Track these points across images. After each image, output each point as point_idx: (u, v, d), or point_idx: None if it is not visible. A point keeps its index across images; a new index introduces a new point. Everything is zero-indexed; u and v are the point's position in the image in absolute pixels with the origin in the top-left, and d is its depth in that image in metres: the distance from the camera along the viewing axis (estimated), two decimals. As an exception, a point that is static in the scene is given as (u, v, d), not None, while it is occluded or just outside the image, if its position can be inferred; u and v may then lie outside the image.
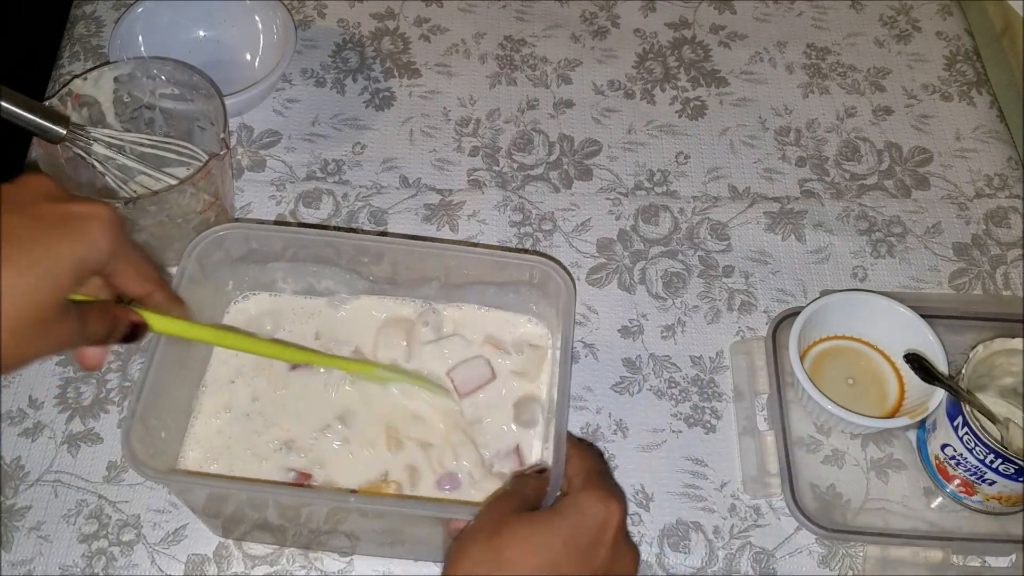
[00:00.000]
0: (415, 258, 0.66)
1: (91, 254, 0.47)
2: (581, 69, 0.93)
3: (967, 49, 0.95)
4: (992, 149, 0.88)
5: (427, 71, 0.92)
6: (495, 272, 0.67)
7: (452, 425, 0.66)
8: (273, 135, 0.87)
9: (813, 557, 0.67)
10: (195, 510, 0.65)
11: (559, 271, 0.64)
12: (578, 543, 0.52)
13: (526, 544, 0.51)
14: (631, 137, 0.88)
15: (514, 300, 0.69)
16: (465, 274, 0.67)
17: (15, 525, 0.67)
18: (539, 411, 0.66)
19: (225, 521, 0.65)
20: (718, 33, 0.96)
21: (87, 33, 0.94)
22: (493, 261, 0.66)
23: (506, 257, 0.66)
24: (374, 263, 0.67)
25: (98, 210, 0.47)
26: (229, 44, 0.90)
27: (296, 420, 0.66)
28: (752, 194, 0.84)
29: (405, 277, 0.68)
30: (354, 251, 0.66)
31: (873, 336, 0.74)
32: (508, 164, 0.86)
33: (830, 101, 0.91)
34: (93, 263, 0.47)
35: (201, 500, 0.63)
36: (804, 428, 0.72)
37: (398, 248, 0.66)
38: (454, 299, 0.70)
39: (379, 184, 0.84)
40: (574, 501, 0.53)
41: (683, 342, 0.77)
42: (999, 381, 0.69)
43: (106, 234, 0.47)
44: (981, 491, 0.66)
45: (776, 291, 0.79)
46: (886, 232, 0.83)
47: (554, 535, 0.52)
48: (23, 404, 0.72)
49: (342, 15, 0.96)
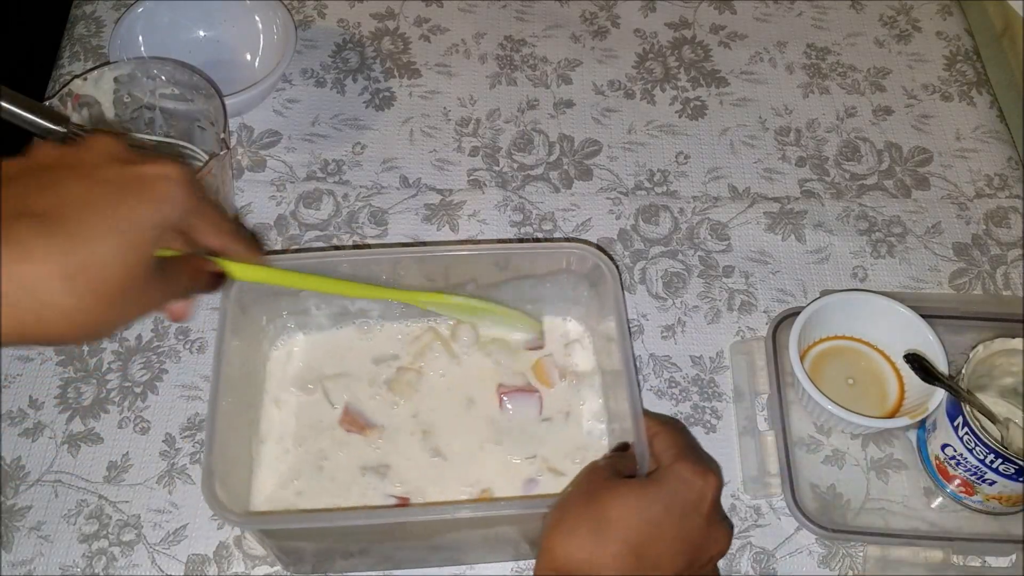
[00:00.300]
0: (450, 263, 0.66)
1: (169, 215, 0.46)
2: (581, 69, 0.93)
3: (967, 49, 0.95)
4: (992, 149, 0.88)
5: (427, 71, 0.92)
6: (530, 264, 0.66)
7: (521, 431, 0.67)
8: (273, 135, 0.87)
9: (813, 557, 0.67)
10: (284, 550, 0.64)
11: (598, 254, 0.64)
12: (678, 510, 0.53)
13: (628, 505, 0.52)
14: (631, 137, 0.88)
15: (552, 291, 0.69)
16: (500, 272, 0.67)
17: (15, 525, 0.67)
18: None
19: (314, 555, 0.64)
20: (718, 33, 0.96)
21: (87, 33, 0.94)
22: (526, 254, 0.66)
23: (539, 248, 0.66)
24: (409, 275, 0.66)
25: (169, 170, 0.47)
26: (229, 44, 0.90)
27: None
28: (752, 194, 0.84)
29: (440, 284, 0.68)
30: (390, 265, 0.65)
31: (873, 336, 0.74)
32: (508, 164, 0.86)
33: (830, 101, 0.91)
34: (171, 223, 0.47)
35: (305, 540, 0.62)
36: (804, 428, 0.72)
37: (435, 256, 0.66)
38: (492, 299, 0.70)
39: (379, 184, 0.84)
40: (672, 471, 0.54)
41: (683, 342, 0.77)
42: (999, 381, 0.69)
43: (181, 193, 0.47)
44: (981, 491, 0.66)
45: (776, 291, 0.79)
46: (886, 232, 0.83)
47: (654, 500, 0.53)
48: (23, 404, 0.72)
49: (342, 15, 0.96)
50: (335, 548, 0.63)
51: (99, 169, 0.45)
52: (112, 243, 0.43)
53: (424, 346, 0.69)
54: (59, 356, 0.74)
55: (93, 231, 0.43)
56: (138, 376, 0.73)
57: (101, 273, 0.42)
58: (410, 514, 0.60)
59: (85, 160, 0.46)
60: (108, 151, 0.47)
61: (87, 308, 0.42)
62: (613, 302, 0.62)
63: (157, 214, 0.46)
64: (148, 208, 0.45)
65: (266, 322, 0.68)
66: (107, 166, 0.46)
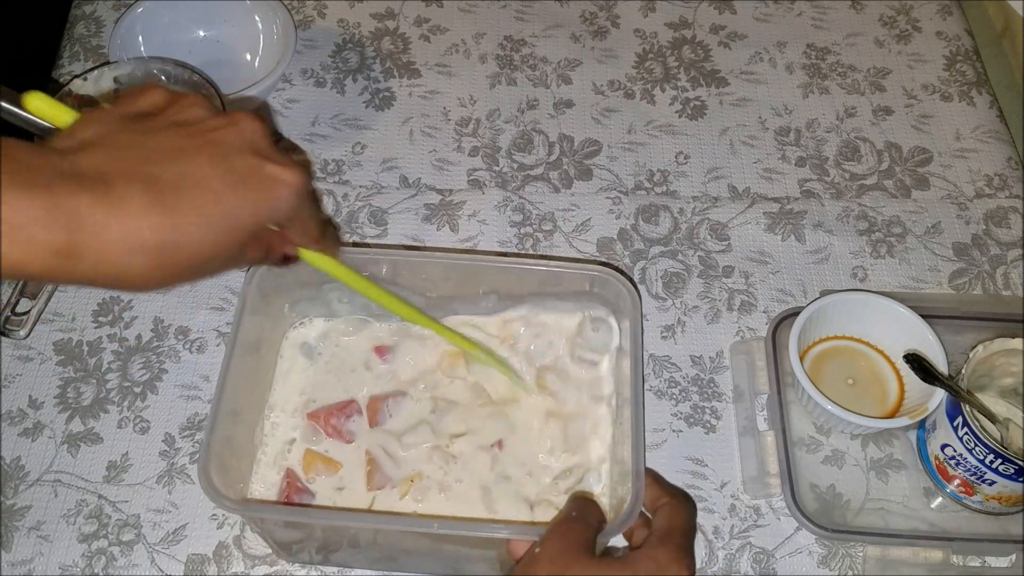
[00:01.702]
0: (476, 272, 0.66)
1: (272, 216, 0.48)
2: (581, 69, 0.93)
3: (967, 49, 0.95)
4: (992, 149, 0.88)
5: (427, 71, 0.92)
6: (554, 283, 0.66)
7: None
8: (273, 135, 0.87)
9: (813, 557, 0.67)
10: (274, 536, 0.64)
11: (621, 279, 0.64)
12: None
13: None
14: (631, 137, 0.88)
15: (573, 309, 0.69)
16: (525, 287, 0.67)
17: (15, 525, 0.67)
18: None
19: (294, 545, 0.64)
20: (718, 33, 0.96)
21: (87, 33, 0.94)
22: (557, 273, 0.66)
23: (572, 268, 0.66)
24: (432, 281, 0.66)
25: (290, 176, 0.48)
26: (229, 44, 0.90)
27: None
28: (752, 194, 0.84)
29: (462, 292, 0.68)
30: (415, 269, 0.65)
31: (873, 336, 0.74)
32: (508, 164, 0.86)
33: (830, 101, 0.91)
34: (272, 222, 0.49)
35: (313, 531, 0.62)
36: (804, 428, 0.72)
37: (460, 264, 0.66)
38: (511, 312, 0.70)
39: (379, 184, 0.84)
40: (652, 557, 0.53)
41: (683, 342, 0.76)
42: (999, 381, 0.69)
43: (291, 200, 0.48)
44: (981, 491, 0.66)
45: (776, 291, 0.79)
46: (886, 232, 0.83)
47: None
48: (23, 404, 0.72)
49: (342, 15, 0.96)
50: (332, 540, 0.63)
51: (232, 155, 0.47)
52: (211, 232, 0.45)
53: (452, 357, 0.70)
54: (59, 356, 0.74)
55: (198, 217, 0.44)
56: (138, 376, 0.73)
57: (188, 253, 0.45)
58: (389, 522, 0.59)
59: (226, 140, 0.47)
60: (251, 139, 0.48)
61: (163, 277, 0.45)
62: (631, 332, 0.62)
63: (263, 214, 0.48)
64: (258, 207, 0.47)
65: (287, 310, 0.69)
66: (241, 155, 0.47)
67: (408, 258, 0.66)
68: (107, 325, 0.76)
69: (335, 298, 0.69)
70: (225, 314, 0.76)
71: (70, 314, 0.76)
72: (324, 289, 0.67)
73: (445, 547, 0.62)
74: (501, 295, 0.68)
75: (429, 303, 0.68)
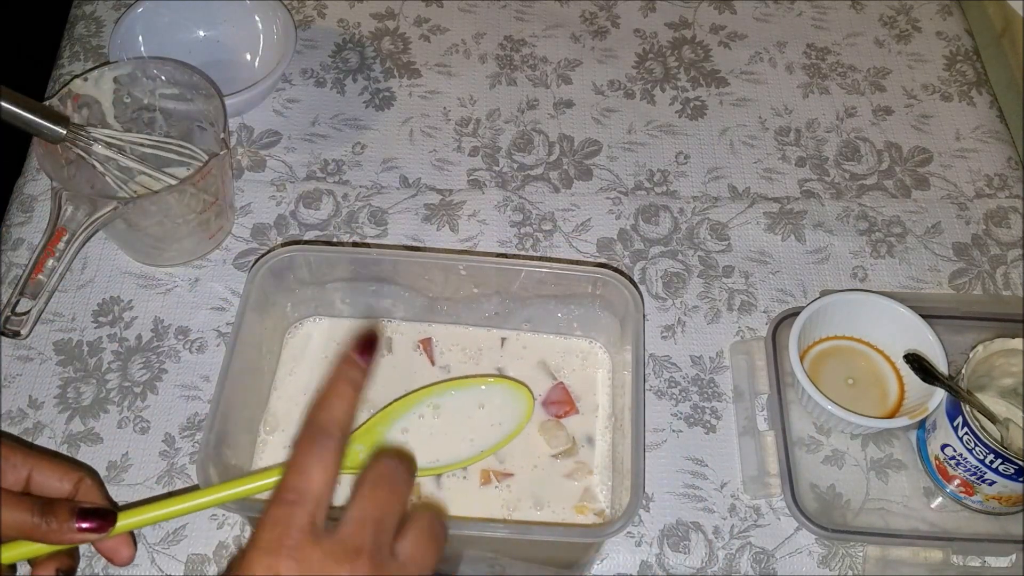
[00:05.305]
0: (477, 273, 0.66)
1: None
2: (581, 69, 0.93)
3: (967, 49, 0.95)
4: (992, 149, 0.88)
5: (427, 71, 0.92)
6: (559, 286, 0.66)
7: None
8: (273, 135, 0.87)
9: (813, 557, 0.67)
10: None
11: (623, 281, 0.64)
12: None
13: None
14: (631, 137, 0.88)
15: (577, 314, 0.69)
16: (527, 288, 0.67)
17: (15, 525, 0.67)
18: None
19: None
20: (718, 33, 0.96)
21: (87, 33, 0.94)
22: (560, 275, 0.65)
23: (575, 270, 0.65)
24: (436, 282, 0.66)
25: None
26: (229, 44, 0.90)
27: None
28: (752, 194, 0.84)
29: (466, 293, 0.67)
30: (418, 269, 0.65)
31: (873, 336, 0.74)
32: (508, 164, 0.86)
33: (830, 101, 0.91)
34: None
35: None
36: (804, 428, 0.72)
37: (465, 264, 0.66)
38: (514, 317, 0.70)
39: (379, 184, 0.84)
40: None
41: (683, 342, 0.76)
42: (999, 381, 0.69)
43: None
44: (981, 491, 0.66)
45: (776, 291, 0.79)
46: (886, 232, 0.83)
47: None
48: (23, 404, 0.72)
49: (342, 15, 0.96)
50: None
51: None
52: None
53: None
54: (59, 356, 0.74)
55: None
56: (138, 376, 0.73)
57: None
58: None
59: None
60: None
61: None
62: (632, 334, 0.62)
63: None
64: None
65: (289, 309, 0.69)
66: None
67: (408, 258, 0.66)
68: (107, 325, 0.76)
69: (337, 298, 0.69)
70: (225, 314, 0.76)
71: (70, 314, 0.76)
72: (326, 289, 0.67)
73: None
74: (505, 297, 0.68)
75: (429, 303, 0.68)
